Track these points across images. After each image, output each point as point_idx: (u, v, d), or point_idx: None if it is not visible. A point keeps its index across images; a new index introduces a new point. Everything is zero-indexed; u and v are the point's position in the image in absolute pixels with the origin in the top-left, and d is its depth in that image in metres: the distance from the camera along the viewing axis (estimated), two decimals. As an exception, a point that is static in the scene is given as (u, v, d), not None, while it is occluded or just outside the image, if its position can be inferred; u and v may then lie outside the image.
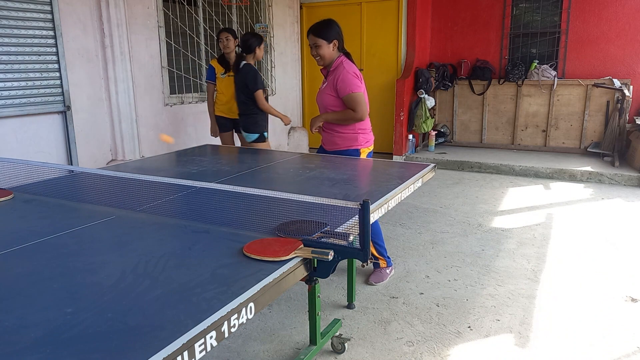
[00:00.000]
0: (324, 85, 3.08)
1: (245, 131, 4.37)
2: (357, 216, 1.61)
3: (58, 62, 4.11)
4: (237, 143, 5.08)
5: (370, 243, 3.15)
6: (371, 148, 3.19)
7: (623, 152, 6.28)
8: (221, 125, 4.77)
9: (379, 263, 3.25)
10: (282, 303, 2.97)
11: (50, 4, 4.00)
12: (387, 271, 3.28)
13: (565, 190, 5.51)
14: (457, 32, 7.46)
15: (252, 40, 4.17)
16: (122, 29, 4.52)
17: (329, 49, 2.96)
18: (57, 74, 4.12)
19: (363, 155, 3.13)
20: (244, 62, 4.18)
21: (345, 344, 2.48)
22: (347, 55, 3.07)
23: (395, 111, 6.95)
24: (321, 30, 2.94)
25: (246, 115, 4.30)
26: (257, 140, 4.34)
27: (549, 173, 6.06)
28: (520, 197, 5.22)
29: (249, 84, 4.13)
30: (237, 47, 4.65)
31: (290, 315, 2.85)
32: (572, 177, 5.94)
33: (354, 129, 3.07)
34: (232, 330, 1.20)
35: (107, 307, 1.21)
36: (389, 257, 3.31)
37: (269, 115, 4.38)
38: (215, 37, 4.88)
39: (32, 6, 3.89)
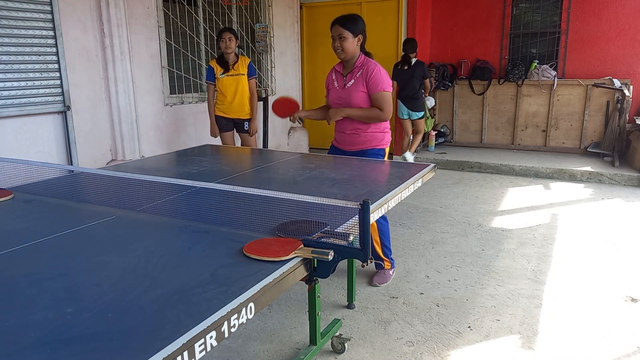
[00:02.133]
0: (351, 82, 2.96)
1: (414, 110, 6.17)
2: (357, 216, 1.61)
3: (58, 62, 4.11)
4: (238, 143, 5.08)
5: (378, 244, 3.18)
6: (389, 147, 3.17)
7: (623, 152, 6.28)
8: (221, 125, 4.77)
9: (382, 264, 3.23)
10: (282, 303, 2.97)
11: (50, 4, 4.00)
12: (390, 272, 3.27)
13: (565, 190, 5.51)
14: (457, 32, 7.46)
15: (415, 44, 6.05)
16: (122, 29, 4.52)
17: (353, 43, 2.91)
18: (57, 74, 4.12)
19: (386, 155, 3.11)
20: (415, 59, 6.04)
21: (345, 344, 2.48)
22: (368, 54, 3.02)
23: (395, 111, 6.94)
24: (349, 23, 2.88)
25: (415, 98, 6.11)
26: (420, 117, 6.27)
27: (549, 173, 6.06)
28: (520, 197, 5.22)
29: (424, 74, 6.06)
30: (236, 48, 4.65)
31: (290, 315, 2.85)
32: (572, 177, 5.94)
33: (381, 127, 3.03)
34: (232, 330, 1.20)
35: (107, 307, 1.21)
36: (392, 259, 3.30)
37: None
38: (216, 37, 4.87)
39: (32, 6, 3.89)
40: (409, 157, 6.42)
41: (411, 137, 6.55)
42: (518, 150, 7.19)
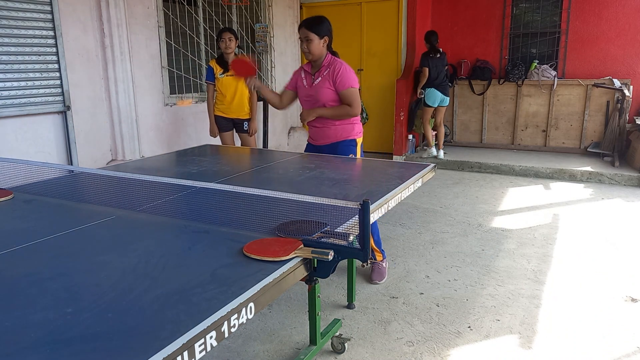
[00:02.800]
0: (318, 80, 3.07)
1: (447, 95, 6.62)
2: (357, 216, 1.61)
3: (58, 62, 4.11)
4: (237, 143, 5.08)
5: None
6: (362, 138, 3.25)
7: (623, 152, 6.28)
8: (221, 125, 4.77)
9: (374, 256, 3.25)
10: (282, 303, 2.97)
11: (50, 4, 4.00)
12: (384, 265, 3.29)
13: (565, 190, 5.51)
14: (457, 32, 7.46)
15: (437, 34, 6.54)
16: (122, 29, 4.52)
17: (319, 45, 3.00)
18: (57, 74, 4.12)
19: (358, 145, 3.18)
20: (440, 49, 6.54)
21: (345, 344, 2.48)
22: (335, 54, 3.11)
23: (395, 111, 6.94)
24: (314, 25, 2.98)
25: (447, 84, 6.65)
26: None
27: (549, 173, 6.06)
28: (520, 197, 5.22)
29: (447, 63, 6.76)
30: (236, 48, 4.65)
31: (290, 315, 2.85)
32: (572, 177, 5.94)
33: (349, 120, 3.13)
34: (232, 330, 1.20)
35: (107, 307, 1.21)
36: (383, 250, 3.32)
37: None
38: (216, 37, 4.87)
39: (32, 6, 3.89)
40: (442, 153, 6.87)
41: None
42: (518, 150, 7.19)
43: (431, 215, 4.64)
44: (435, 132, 6.93)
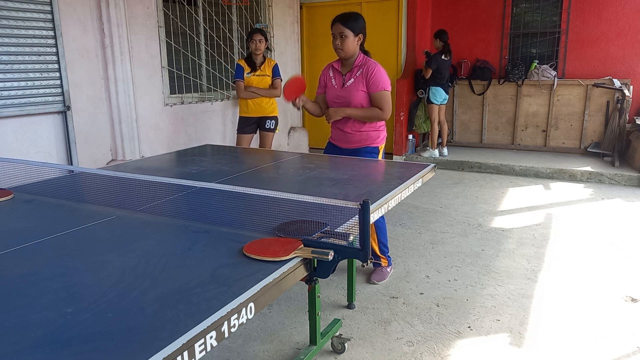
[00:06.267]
0: (350, 81, 2.97)
1: (448, 95, 6.76)
2: (357, 216, 1.61)
3: (58, 62, 4.10)
4: (252, 145, 5.07)
5: (375, 242, 3.19)
6: (384, 144, 3.19)
7: (623, 152, 6.28)
8: (243, 126, 4.81)
9: (380, 262, 3.25)
10: (282, 303, 2.97)
11: (50, 4, 3.99)
12: (388, 270, 3.29)
13: (565, 190, 5.51)
14: (457, 32, 7.46)
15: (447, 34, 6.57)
16: (122, 29, 4.52)
17: (353, 42, 2.92)
18: (57, 74, 4.12)
19: (380, 153, 3.13)
20: (450, 50, 6.61)
21: (345, 344, 2.48)
22: (366, 53, 3.03)
23: (395, 111, 6.94)
24: (349, 21, 2.89)
25: (448, 84, 6.77)
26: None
27: (549, 173, 6.06)
28: (520, 197, 5.22)
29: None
30: (265, 49, 4.70)
31: (290, 315, 2.85)
32: (572, 177, 5.94)
33: (376, 126, 3.05)
34: (232, 330, 1.20)
35: (107, 307, 1.21)
36: (390, 257, 3.32)
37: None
38: (246, 37, 4.93)
39: (32, 6, 3.89)
40: (445, 151, 6.95)
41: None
42: (518, 150, 7.19)
43: (431, 215, 4.64)
44: (439, 130, 6.95)
